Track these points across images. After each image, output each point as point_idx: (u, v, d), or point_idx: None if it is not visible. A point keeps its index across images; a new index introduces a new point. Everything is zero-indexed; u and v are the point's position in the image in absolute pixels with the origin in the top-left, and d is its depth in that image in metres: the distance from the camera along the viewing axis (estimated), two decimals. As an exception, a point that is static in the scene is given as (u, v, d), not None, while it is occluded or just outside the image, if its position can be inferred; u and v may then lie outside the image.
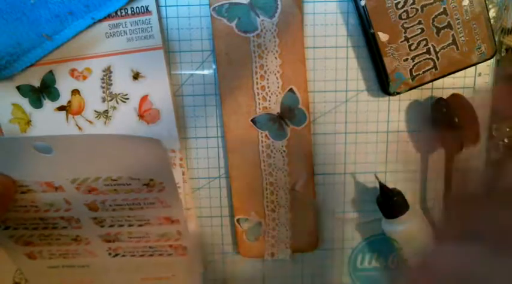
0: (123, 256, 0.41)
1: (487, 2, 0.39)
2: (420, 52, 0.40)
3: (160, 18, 0.39)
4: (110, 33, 0.39)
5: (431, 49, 0.40)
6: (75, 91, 0.40)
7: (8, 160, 0.34)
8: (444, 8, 0.39)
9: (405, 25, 0.39)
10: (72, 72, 0.39)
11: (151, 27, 0.39)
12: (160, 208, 0.37)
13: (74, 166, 0.35)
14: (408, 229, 0.41)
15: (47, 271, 0.42)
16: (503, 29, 0.41)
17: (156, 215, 0.38)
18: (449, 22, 0.39)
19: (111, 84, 0.40)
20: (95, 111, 0.40)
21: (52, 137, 0.33)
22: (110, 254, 0.41)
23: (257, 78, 0.41)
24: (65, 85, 0.40)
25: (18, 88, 0.39)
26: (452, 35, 0.39)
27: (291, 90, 0.41)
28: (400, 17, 0.39)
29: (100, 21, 0.38)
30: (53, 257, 0.41)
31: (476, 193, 0.27)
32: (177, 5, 0.40)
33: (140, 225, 0.39)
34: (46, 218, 0.38)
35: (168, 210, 0.38)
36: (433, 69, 0.40)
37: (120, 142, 0.34)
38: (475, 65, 0.40)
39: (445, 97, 0.41)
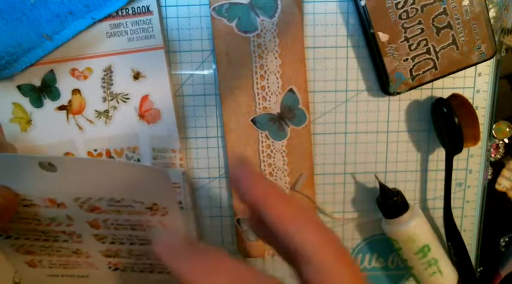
0: (123, 270, 0.41)
1: (487, 2, 0.39)
2: (420, 52, 0.40)
3: (161, 18, 0.39)
4: (111, 32, 0.39)
5: (431, 49, 0.40)
6: (75, 91, 0.40)
7: (13, 174, 0.34)
8: (444, 8, 0.39)
9: (405, 25, 0.39)
10: (73, 71, 0.40)
11: (152, 27, 0.39)
12: None
13: (77, 186, 0.34)
14: (408, 229, 0.41)
15: (47, 279, 0.42)
16: (503, 29, 0.41)
17: None
18: (449, 22, 0.39)
19: (111, 84, 0.40)
20: (96, 110, 0.40)
21: (58, 158, 0.33)
22: (109, 268, 0.41)
23: (257, 78, 0.41)
24: (65, 84, 0.40)
25: (19, 87, 0.39)
26: (452, 35, 0.39)
27: (291, 90, 0.41)
28: (400, 17, 0.39)
29: (101, 21, 0.38)
30: (53, 267, 0.41)
31: None
32: (177, 5, 0.40)
33: (142, 244, 0.38)
34: (47, 231, 0.38)
35: None
36: (433, 69, 0.40)
37: (126, 168, 0.33)
38: (475, 64, 0.40)
39: (445, 97, 0.41)
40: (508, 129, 0.44)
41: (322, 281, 0.24)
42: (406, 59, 0.40)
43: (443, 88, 0.43)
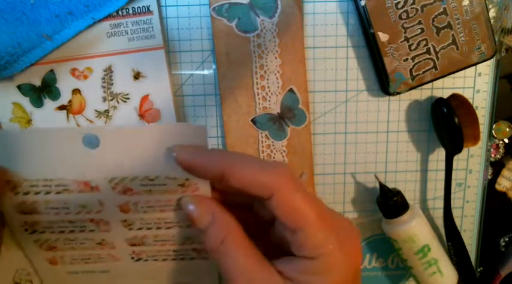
0: (146, 260, 0.41)
1: (487, 2, 0.39)
2: (420, 52, 0.40)
3: (161, 18, 0.39)
4: (111, 32, 0.39)
5: (431, 49, 0.40)
6: (76, 91, 0.40)
7: (53, 154, 0.34)
8: (444, 8, 0.39)
9: (405, 25, 0.39)
10: (73, 71, 0.39)
11: (152, 27, 0.39)
12: None
13: (116, 163, 0.34)
14: (408, 229, 0.41)
15: (67, 277, 0.42)
16: (503, 29, 0.41)
17: (186, 217, 0.38)
18: (449, 22, 0.39)
19: (112, 84, 0.40)
20: (96, 110, 0.40)
21: (102, 128, 0.33)
22: (132, 258, 0.41)
23: (257, 78, 0.41)
24: (65, 84, 0.40)
25: (19, 87, 0.39)
26: (452, 35, 0.39)
27: (291, 90, 0.41)
28: (400, 17, 0.39)
29: (101, 20, 0.38)
30: (74, 263, 0.41)
31: None
32: (177, 5, 0.40)
33: (168, 228, 0.38)
34: (75, 220, 0.38)
35: None
36: (433, 69, 0.40)
37: (166, 129, 0.34)
38: (475, 64, 0.40)
39: (445, 97, 0.41)
40: (508, 129, 0.44)
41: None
42: (406, 59, 0.40)
43: (443, 88, 0.43)
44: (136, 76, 0.40)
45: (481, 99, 0.43)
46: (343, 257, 0.27)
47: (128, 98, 0.40)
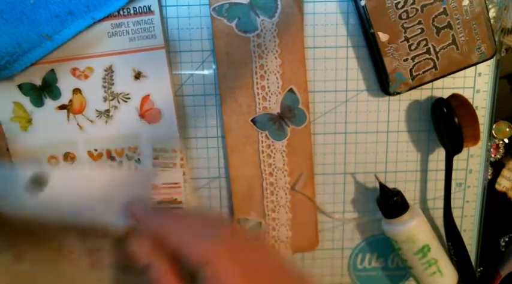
0: None
1: (487, 2, 0.39)
2: (420, 52, 0.40)
3: (162, 18, 0.40)
4: (112, 32, 0.39)
5: (431, 49, 0.40)
6: (76, 90, 0.40)
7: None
8: (444, 8, 0.39)
9: (405, 25, 0.39)
10: (74, 71, 0.40)
11: (153, 27, 0.39)
12: None
13: (62, 206, 0.35)
14: (408, 229, 0.41)
15: None
16: (503, 29, 0.41)
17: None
18: (449, 22, 0.39)
19: (112, 84, 0.40)
20: (96, 110, 0.40)
21: (48, 170, 0.34)
22: None
23: (257, 78, 0.41)
24: (66, 84, 0.40)
25: (20, 86, 0.39)
26: (452, 35, 0.39)
27: (291, 90, 0.41)
28: (400, 17, 0.39)
29: (102, 20, 0.38)
30: None
31: None
32: (177, 5, 0.40)
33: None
34: None
35: None
36: (433, 69, 0.40)
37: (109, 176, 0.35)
38: (475, 64, 0.40)
39: (445, 97, 0.41)
40: (508, 129, 0.44)
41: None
42: (406, 59, 0.40)
43: (443, 88, 0.43)
44: (137, 76, 0.40)
45: (481, 99, 0.43)
46: None
47: (129, 98, 0.40)
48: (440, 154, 0.44)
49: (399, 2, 0.38)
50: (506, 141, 0.44)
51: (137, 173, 0.36)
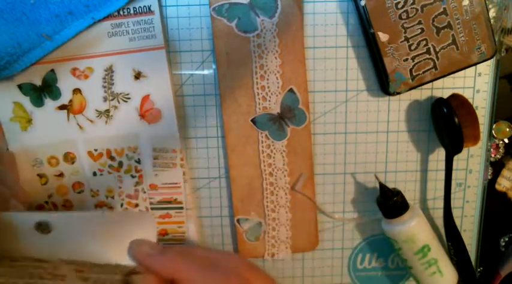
0: None
1: (487, 2, 0.39)
2: (420, 52, 0.40)
3: (162, 18, 0.40)
4: (112, 32, 0.39)
5: (431, 49, 0.40)
6: (76, 91, 0.40)
7: (9, 236, 0.35)
8: (444, 8, 0.39)
9: (405, 25, 0.39)
10: (74, 71, 0.40)
11: (153, 27, 0.39)
12: None
13: (68, 247, 0.35)
14: (408, 229, 0.41)
15: None
16: (503, 29, 0.41)
17: None
18: (449, 22, 0.39)
19: (112, 84, 0.40)
20: (96, 110, 0.40)
21: (52, 214, 0.34)
22: None
23: (257, 78, 0.41)
24: (66, 84, 0.40)
25: (20, 86, 0.39)
26: (452, 35, 0.39)
27: (291, 90, 0.41)
28: (400, 17, 0.39)
29: (102, 20, 0.38)
30: None
31: None
32: (177, 5, 0.40)
33: None
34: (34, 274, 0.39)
35: None
36: (433, 69, 0.40)
37: (115, 217, 0.35)
38: (475, 64, 0.40)
39: (445, 97, 0.41)
40: (508, 129, 0.44)
41: None
42: (406, 59, 0.40)
43: (443, 88, 0.43)
44: (137, 76, 0.40)
45: (481, 99, 0.43)
46: None
47: (129, 98, 0.40)
48: (440, 154, 0.44)
49: (399, 2, 0.38)
50: (506, 141, 0.44)
51: (139, 214, 0.36)
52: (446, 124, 0.40)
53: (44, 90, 0.40)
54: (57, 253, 0.36)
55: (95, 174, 0.42)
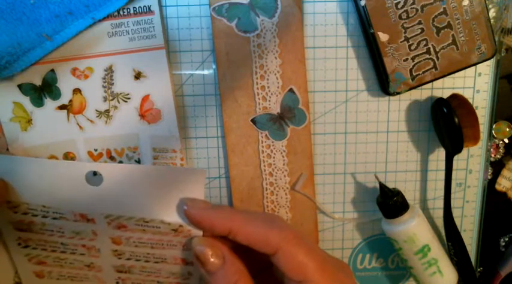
0: None
1: (487, 2, 0.39)
2: (420, 52, 0.40)
3: (162, 18, 0.40)
4: (112, 32, 0.39)
5: (431, 49, 0.40)
6: (76, 90, 0.40)
7: (57, 186, 0.35)
8: (444, 8, 0.39)
9: (405, 25, 0.39)
10: (74, 71, 0.40)
11: (153, 26, 0.39)
12: (180, 250, 0.38)
13: (116, 200, 0.35)
14: (408, 229, 0.41)
15: None
16: (503, 29, 0.41)
17: (174, 256, 0.38)
18: (449, 22, 0.39)
19: (112, 84, 0.40)
20: (96, 110, 0.40)
21: (104, 166, 0.34)
22: (117, 283, 0.41)
23: (257, 78, 0.41)
24: (66, 84, 0.40)
25: (20, 86, 0.39)
26: (452, 35, 0.39)
27: (291, 90, 0.41)
28: (400, 17, 0.39)
29: (102, 20, 0.38)
30: (61, 279, 0.41)
31: None
32: (177, 5, 0.40)
33: (156, 262, 0.39)
34: (68, 243, 0.39)
35: (187, 253, 0.38)
36: (433, 69, 0.40)
37: (167, 171, 0.35)
38: (475, 65, 0.40)
39: (445, 97, 0.41)
40: (508, 129, 0.44)
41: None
42: (406, 59, 0.40)
43: (443, 88, 0.43)
44: (137, 76, 0.40)
45: (481, 99, 0.43)
46: None
47: (129, 98, 0.40)
48: (440, 154, 0.44)
49: (399, 2, 0.38)
50: (506, 141, 0.44)
51: (188, 170, 0.36)
52: (446, 124, 0.40)
53: (44, 90, 0.40)
54: (105, 206, 0.36)
55: (95, 173, 0.42)
